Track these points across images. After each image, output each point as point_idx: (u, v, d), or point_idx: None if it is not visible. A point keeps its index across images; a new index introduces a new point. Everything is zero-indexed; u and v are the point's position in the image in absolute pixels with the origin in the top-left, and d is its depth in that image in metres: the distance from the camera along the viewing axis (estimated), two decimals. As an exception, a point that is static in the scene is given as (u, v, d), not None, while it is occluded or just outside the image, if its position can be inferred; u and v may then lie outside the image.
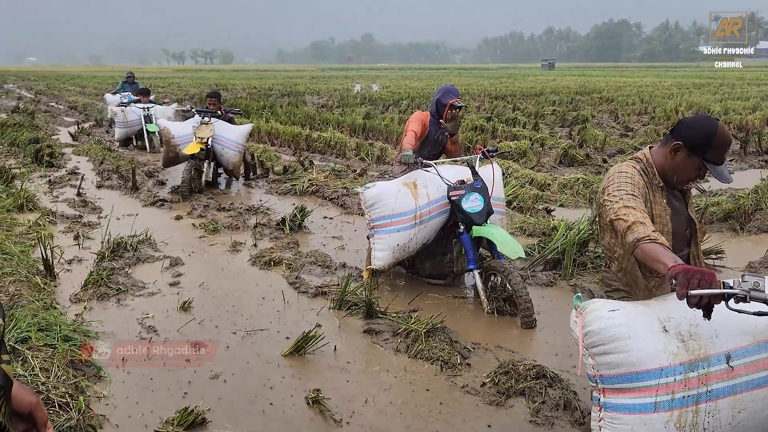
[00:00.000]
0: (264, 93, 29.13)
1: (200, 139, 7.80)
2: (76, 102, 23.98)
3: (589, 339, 1.93)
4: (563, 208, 7.46)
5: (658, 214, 2.43)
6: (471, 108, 20.06)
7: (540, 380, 3.29)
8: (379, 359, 3.66)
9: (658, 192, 2.45)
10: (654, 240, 2.06)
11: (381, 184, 4.58)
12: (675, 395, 1.84)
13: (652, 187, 2.43)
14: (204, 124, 7.91)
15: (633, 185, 2.33)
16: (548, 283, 4.92)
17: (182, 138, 8.13)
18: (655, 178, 2.45)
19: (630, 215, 2.18)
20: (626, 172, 2.40)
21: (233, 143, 8.25)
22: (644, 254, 2.06)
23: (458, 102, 4.88)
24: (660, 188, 2.45)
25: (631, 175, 2.38)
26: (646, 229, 2.10)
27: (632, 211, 2.20)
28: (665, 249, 2.02)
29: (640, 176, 2.40)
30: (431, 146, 4.95)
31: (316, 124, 15.39)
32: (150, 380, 3.36)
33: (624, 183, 2.34)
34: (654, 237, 2.07)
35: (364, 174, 9.25)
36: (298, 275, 5.03)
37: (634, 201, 2.25)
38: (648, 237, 2.07)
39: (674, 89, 28.35)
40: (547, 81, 40.31)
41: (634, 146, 11.71)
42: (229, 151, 8.24)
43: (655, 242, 2.05)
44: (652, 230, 2.11)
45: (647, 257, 2.05)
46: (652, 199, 2.42)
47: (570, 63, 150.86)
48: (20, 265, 4.89)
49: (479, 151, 4.70)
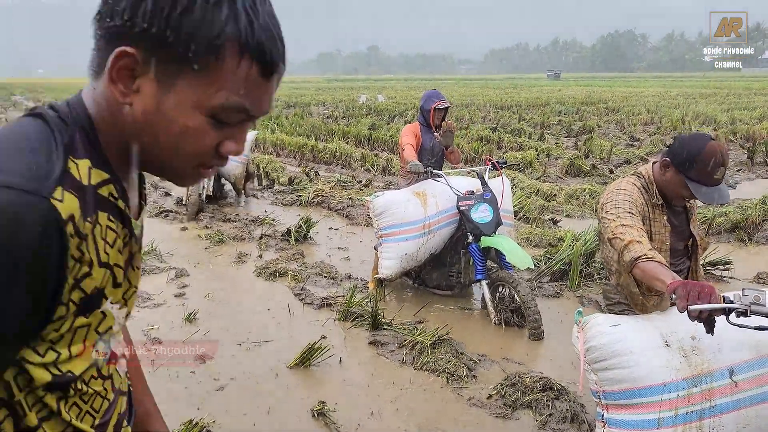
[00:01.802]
0: (270, 104, 29.25)
1: None
2: (84, 113, 24.15)
3: (591, 354, 1.92)
4: (569, 218, 7.45)
5: (657, 231, 2.42)
6: (476, 118, 20.10)
7: (547, 392, 3.27)
8: (384, 371, 3.65)
9: (658, 209, 2.44)
10: (651, 258, 2.06)
11: (390, 193, 4.60)
12: (678, 411, 1.83)
13: (651, 205, 2.43)
14: None
15: (630, 203, 2.33)
16: (555, 294, 4.90)
17: None
18: (654, 195, 2.44)
19: (627, 234, 2.18)
20: (625, 189, 2.39)
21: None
22: (643, 273, 2.07)
23: (441, 104, 4.87)
24: (660, 206, 2.44)
25: (629, 193, 2.37)
26: (643, 248, 2.11)
27: (629, 229, 2.20)
28: (663, 267, 2.02)
29: (640, 193, 2.40)
30: (429, 155, 4.96)
31: (321, 135, 15.45)
32: (154, 391, 3.36)
33: (622, 201, 2.34)
34: (651, 255, 2.07)
35: (369, 185, 9.27)
36: (304, 286, 5.04)
37: (631, 219, 2.25)
38: (645, 255, 2.07)
39: (680, 99, 28.33)
40: (552, 91, 40.36)
41: (641, 156, 11.70)
42: (232, 163, 7.63)
43: (653, 260, 2.05)
44: (649, 248, 2.11)
45: (646, 276, 2.05)
46: (651, 217, 2.42)
47: (576, 73, 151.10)
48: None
49: (489, 163, 4.71)
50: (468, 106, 25.05)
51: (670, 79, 71.75)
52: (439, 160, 5.05)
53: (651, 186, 2.44)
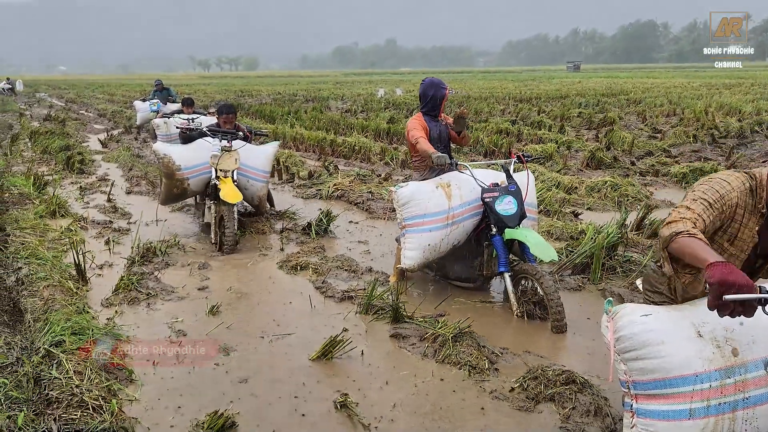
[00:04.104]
0: (288, 98, 29.38)
1: (224, 173, 5.96)
2: (105, 110, 24.46)
3: (621, 344, 1.90)
4: (591, 211, 7.38)
5: (742, 239, 2.21)
6: (495, 111, 19.96)
7: (570, 386, 3.25)
8: (406, 364, 3.66)
9: (755, 217, 2.19)
10: (693, 235, 1.91)
11: (414, 184, 4.59)
12: (710, 402, 1.80)
13: (750, 210, 2.18)
14: (226, 150, 6.00)
15: (720, 197, 2.11)
16: (576, 288, 4.86)
17: (193, 169, 6.25)
18: (760, 202, 2.17)
19: (682, 213, 2.03)
20: (727, 183, 2.16)
21: (261, 172, 6.53)
22: (680, 247, 1.91)
23: (448, 91, 4.99)
24: (759, 214, 2.19)
25: (728, 189, 2.14)
26: (687, 226, 1.96)
27: (687, 212, 2.04)
28: (705, 245, 1.87)
29: (743, 195, 2.15)
30: (437, 143, 4.92)
31: (340, 129, 15.46)
32: (180, 384, 3.41)
33: (710, 190, 2.13)
34: (693, 233, 1.92)
35: (388, 178, 9.26)
36: (325, 280, 5.05)
37: (701, 207, 2.07)
38: (687, 232, 1.93)
39: (703, 90, 27.86)
40: (572, 83, 39.94)
41: (663, 148, 11.54)
42: (257, 183, 6.52)
43: (694, 237, 1.90)
44: (696, 230, 1.95)
45: (684, 251, 1.89)
46: (742, 222, 2.18)
47: (596, 65, 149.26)
48: (53, 270, 5.01)
49: (514, 156, 4.69)
50: (487, 99, 24.89)
51: (693, 69, 70.61)
52: (447, 146, 5.03)
53: (760, 191, 2.18)
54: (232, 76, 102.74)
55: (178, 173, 6.19)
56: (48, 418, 2.86)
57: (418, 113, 4.97)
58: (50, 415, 2.89)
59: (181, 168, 6.19)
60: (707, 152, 11.24)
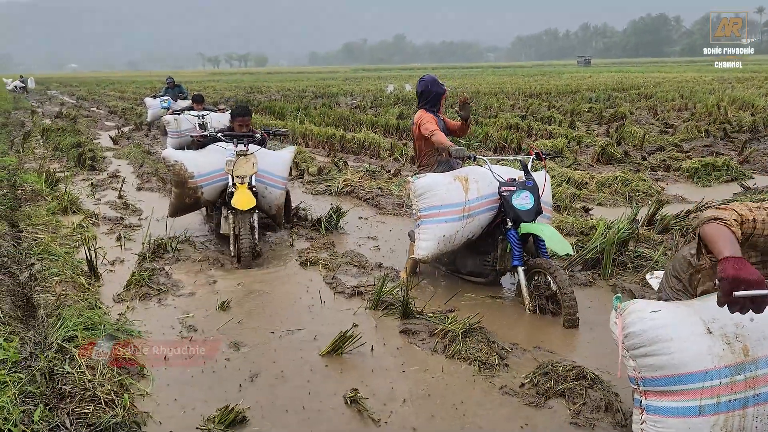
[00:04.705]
0: (298, 95, 29.42)
1: (240, 179, 5.45)
2: (116, 107, 24.59)
3: (630, 341, 1.89)
4: (601, 206, 7.34)
5: None
6: (505, 106, 19.89)
7: (580, 381, 3.24)
8: (416, 359, 3.66)
9: None
10: (729, 226, 1.90)
11: (432, 175, 4.60)
12: (721, 399, 1.79)
13: None
14: (242, 155, 5.49)
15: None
16: (587, 283, 4.84)
17: (207, 176, 5.77)
18: None
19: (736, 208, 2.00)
20: None
21: (279, 179, 6.01)
22: (710, 231, 1.90)
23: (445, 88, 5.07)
24: None
25: None
26: (729, 217, 1.94)
27: (734, 213, 2.00)
28: (734, 239, 1.86)
29: None
30: None
31: (349, 125, 15.47)
32: (191, 379, 3.43)
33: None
34: (731, 224, 1.91)
35: (398, 174, 9.26)
36: (335, 275, 5.07)
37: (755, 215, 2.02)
38: (725, 221, 1.92)
39: (716, 84, 27.60)
40: (583, 78, 39.68)
41: (674, 143, 11.45)
42: (275, 190, 5.99)
43: (729, 228, 1.89)
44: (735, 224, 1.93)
45: (712, 236, 1.88)
46: None
47: (607, 59, 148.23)
48: (66, 266, 5.05)
49: (533, 153, 4.68)
50: (497, 94, 24.80)
51: (705, 63, 69.94)
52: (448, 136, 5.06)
53: None
54: (241, 73, 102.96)
55: (190, 181, 5.71)
56: (61, 412, 2.89)
57: (421, 109, 4.98)
58: (63, 409, 2.92)
59: (194, 175, 5.71)
60: (719, 147, 11.14)
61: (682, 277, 2.46)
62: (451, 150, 4.49)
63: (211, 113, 10.70)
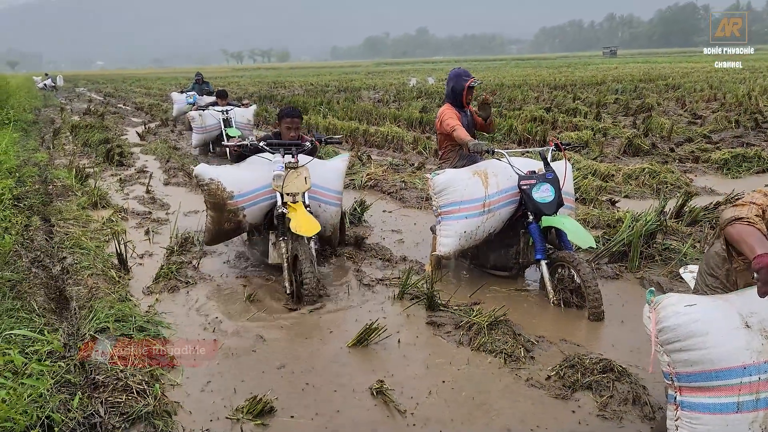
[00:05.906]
0: (321, 89, 29.47)
1: (292, 198, 4.51)
2: (142, 103, 24.92)
3: (664, 335, 1.85)
4: (628, 199, 7.24)
5: None
6: (530, 99, 19.69)
7: (607, 374, 3.21)
8: (441, 351, 3.66)
9: None
10: (752, 223, 1.90)
11: (451, 171, 4.58)
12: (760, 395, 1.74)
13: None
14: (292, 168, 4.57)
15: None
16: (614, 276, 4.79)
17: (250, 195, 4.71)
18: None
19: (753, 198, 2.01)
20: None
21: (333, 193, 5.08)
22: (736, 232, 1.91)
23: (473, 82, 4.91)
24: None
25: None
26: (749, 212, 1.94)
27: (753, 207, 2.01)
28: (761, 235, 1.86)
29: None
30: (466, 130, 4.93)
31: (372, 119, 15.46)
32: (220, 369, 3.48)
33: None
34: (754, 221, 1.91)
35: (421, 168, 9.24)
36: (360, 268, 5.09)
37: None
38: (748, 219, 1.92)
39: (747, 73, 26.96)
40: (609, 69, 39.11)
41: (703, 134, 11.23)
42: (330, 208, 5.04)
43: (753, 225, 1.89)
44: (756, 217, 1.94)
45: (739, 237, 1.89)
46: None
47: (633, 50, 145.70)
48: (96, 260, 5.16)
49: (552, 143, 4.64)
50: (521, 87, 24.57)
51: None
52: (474, 135, 5.03)
53: None
54: (264, 68, 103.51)
55: (230, 202, 4.63)
56: (95, 401, 2.96)
57: (447, 104, 4.97)
58: (97, 398, 2.99)
59: (233, 195, 4.63)
60: (750, 137, 10.88)
61: (718, 273, 2.40)
62: (470, 145, 4.47)
63: (235, 108, 10.87)
